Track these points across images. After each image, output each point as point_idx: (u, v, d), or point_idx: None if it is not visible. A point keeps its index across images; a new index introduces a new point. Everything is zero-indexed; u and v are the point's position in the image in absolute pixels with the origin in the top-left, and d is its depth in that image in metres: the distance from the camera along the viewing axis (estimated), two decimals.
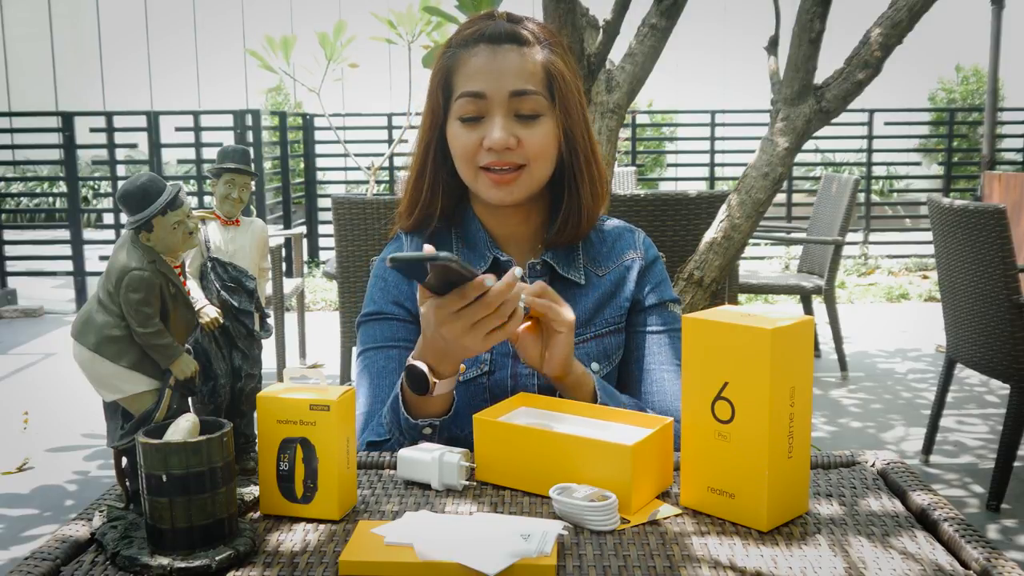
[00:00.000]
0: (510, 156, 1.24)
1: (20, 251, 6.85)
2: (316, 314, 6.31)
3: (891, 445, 3.65)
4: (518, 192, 1.26)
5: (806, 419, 0.93)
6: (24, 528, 2.93)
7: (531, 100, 1.24)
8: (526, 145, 1.24)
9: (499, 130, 1.23)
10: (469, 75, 1.25)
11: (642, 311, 1.36)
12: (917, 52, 5.38)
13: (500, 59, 1.24)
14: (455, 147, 1.28)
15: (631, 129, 7.98)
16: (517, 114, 1.24)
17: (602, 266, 1.35)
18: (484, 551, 0.81)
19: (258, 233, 1.04)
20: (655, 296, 1.37)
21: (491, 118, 1.24)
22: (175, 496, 0.82)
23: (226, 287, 1.00)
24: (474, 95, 1.24)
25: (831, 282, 4.57)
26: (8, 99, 12.67)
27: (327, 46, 5.57)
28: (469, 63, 1.26)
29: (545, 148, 1.26)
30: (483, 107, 1.24)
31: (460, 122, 1.26)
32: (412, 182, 1.34)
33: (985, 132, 6.96)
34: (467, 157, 1.26)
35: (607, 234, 1.39)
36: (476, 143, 1.25)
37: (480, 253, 1.32)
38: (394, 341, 1.32)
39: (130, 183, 0.87)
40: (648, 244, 1.41)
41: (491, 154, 1.24)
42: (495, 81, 1.23)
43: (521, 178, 1.26)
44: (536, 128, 1.25)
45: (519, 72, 1.24)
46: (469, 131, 1.25)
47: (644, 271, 1.37)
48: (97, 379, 0.88)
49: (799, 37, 2.19)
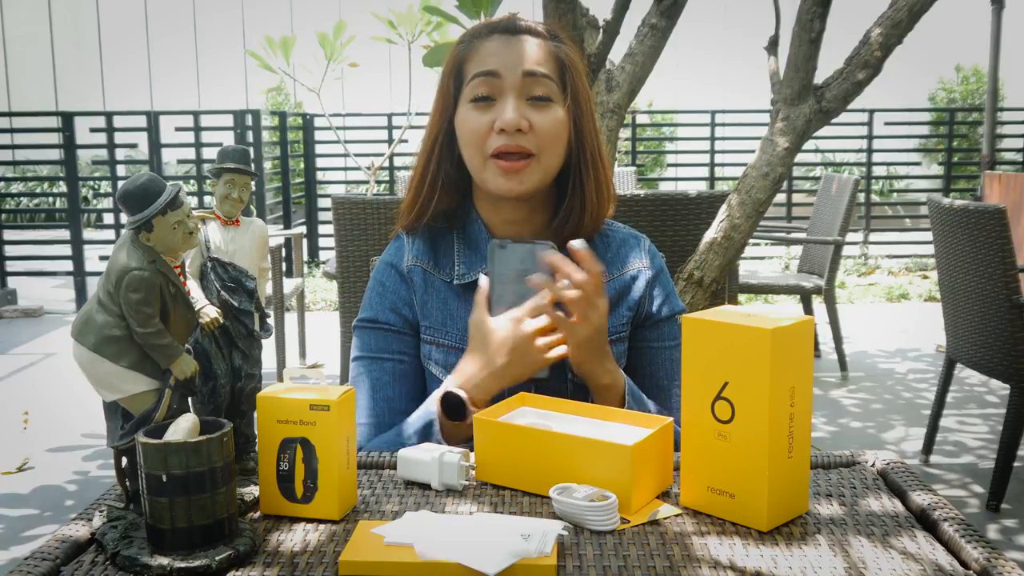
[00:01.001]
0: (521, 139, 1.22)
1: (20, 251, 6.85)
2: (316, 314, 6.31)
3: (891, 445, 3.65)
4: (527, 182, 1.24)
5: (806, 419, 0.93)
6: (24, 528, 2.93)
7: (544, 83, 1.24)
8: (537, 129, 1.23)
9: (511, 111, 1.22)
10: (483, 58, 1.25)
11: (653, 326, 1.35)
12: (917, 52, 5.38)
13: (515, 43, 1.25)
14: (464, 133, 1.26)
15: (631, 129, 7.98)
16: (529, 97, 1.24)
17: (606, 271, 1.33)
18: (484, 551, 0.81)
19: (258, 233, 1.04)
20: (666, 310, 1.36)
21: (503, 100, 1.23)
22: (175, 496, 0.82)
23: (226, 287, 1.00)
24: (487, 74, 1.24)
25: (831, 282, 4.57)
26: (8, 99, 12.67)
27: (327, 46, 5.57)
28: (483, 48, 1.26)
29: (556, 135, 1.25)
30: (496, 87, 1.24)
31: (472, 104, 1.25)
32: (416, 178, 1.33)
33: (985, 132, 6.96)
34: (477, 142, 1.25)
35: (612, 239, 1.37)
36: (487, 126, 1.24)
37: (482, 254, 1.31)
38: (388, 353, 1.32)
39: (130, 183, 0.87)
40: (654, 252, 1.39)
41: (502, 136, 1.22)
42: (509, 61, 1.24)
43: (531, 167, 1.24)
44: (547, 113, 1.24)
45: (533, 55, 1.25)
46: (480, 114, 1.24)
47: (652, 282, 1.35)
48: (97, 379, 0.88)
49: (799, 37, 2.19)
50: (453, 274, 1.31)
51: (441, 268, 1.32)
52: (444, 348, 1.30)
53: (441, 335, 1.31)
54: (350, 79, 6.62)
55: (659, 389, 1.34)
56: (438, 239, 1.34)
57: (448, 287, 1.31)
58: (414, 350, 1.32)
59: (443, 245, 1.34)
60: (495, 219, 1.33)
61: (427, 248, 1.34)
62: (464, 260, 1.32)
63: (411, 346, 1.32)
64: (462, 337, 1.28)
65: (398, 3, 5.27)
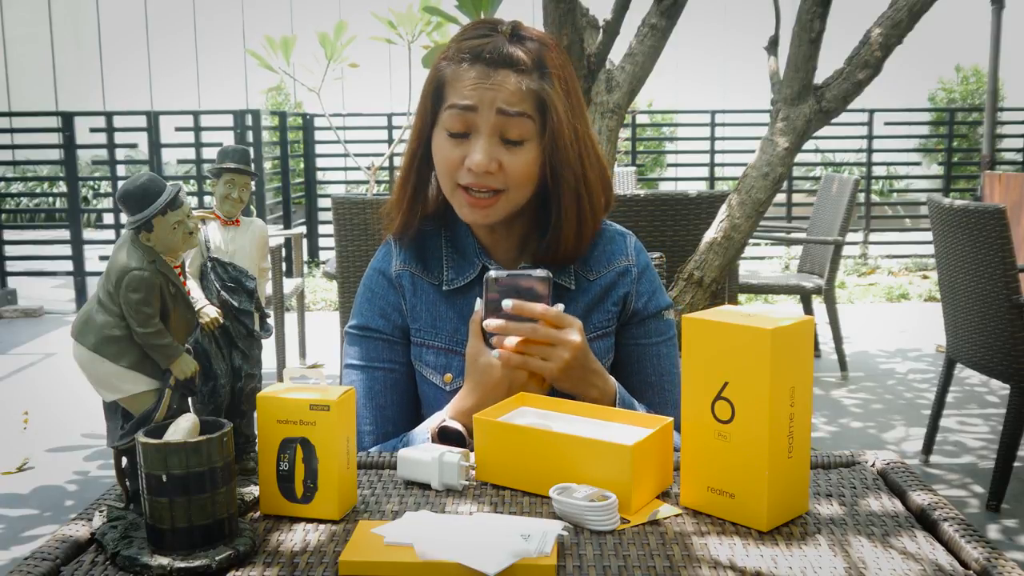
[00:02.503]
0: (489, 180, 1.22)
1: (20, 251, 6.85)
2: (316, 314, 6.31)
3: (891, 445, 3.65)
4: (493, 216, 1.26)
5: (806, 419, 0.93)
6: (24, 528, 2.93)
7: (518, 124, 1.22)
8: (507, 170, 1.23)
9: (481, 153, 1.21)
10: (460, 89, 1.23)
11: (639, 323, 1.35)
12: (917, 52, 5.38)
13: (494, 79, 1.22)
14: (437, 159, 1.27)
15: (631, 129, 7.98)
16: (503, 137, 1.22)
17: (592, 270, 1.34)
18: (484, 551, 0.81)
19: (258, 233, 1.04)
20: (652, 306, 1.36)
21: (476, 138, 1.22)
22: (175, 496, 0.82)
23: (226, 287, 1.00)
24: (462, 108, 1.22)
25: (831, 282, 4.57)
26: (8, 99, 12.67)
27: (327, 46, 5.58)
28: (463, 78, 1.23)
29: (527, 175, 1.24)
30: (470, 122, 1.22)
31: (447, 134, 1.24)
32: (399, 184, 1.33)
33: (985, 132, 6.96)
34: (448, 172, 1.25)
35: (598, 238, 1.37)
36: (458, 160, 1.23)
37: (469, 260, 1.32)
38: (379, 362, 1.33)
39: (130, 183, 0.87)
40: (639, 249, 1.39)
41: (471, 175, 1.22)
42: (485, 98, 1.21)
43: (498, 203, 1.25)
44: (519, 154, 1.23)
45: (510, 94, 1.21)
46: (453, 147, 1.24)
47: (638, 279, 1.35)
48: (97, 379, 0.88)
49: (799, 37, 2.19)
50: (442, 279, 1.33)
51: (430, 272, 1.34)
52: (434, 349, 1.32)
53: (431, 336, 1.32)
54: (350, 79, 6.61)
55: (647, 386, 1.35)
56: (426, 243, 1.35)
57: (436, 291, 1.33)
58: (404, 358, 1.34)
59: (431, 249, 1.35)
60: (479, 228, 1.34)
61: (415, 253, 1.35)
62: (453, 266, 1.33)
63: (401, 354, 1.34)
64: (451, 338, 1.30)
65: (398, 3, 5.27)
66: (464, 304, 1.32)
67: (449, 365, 1.31)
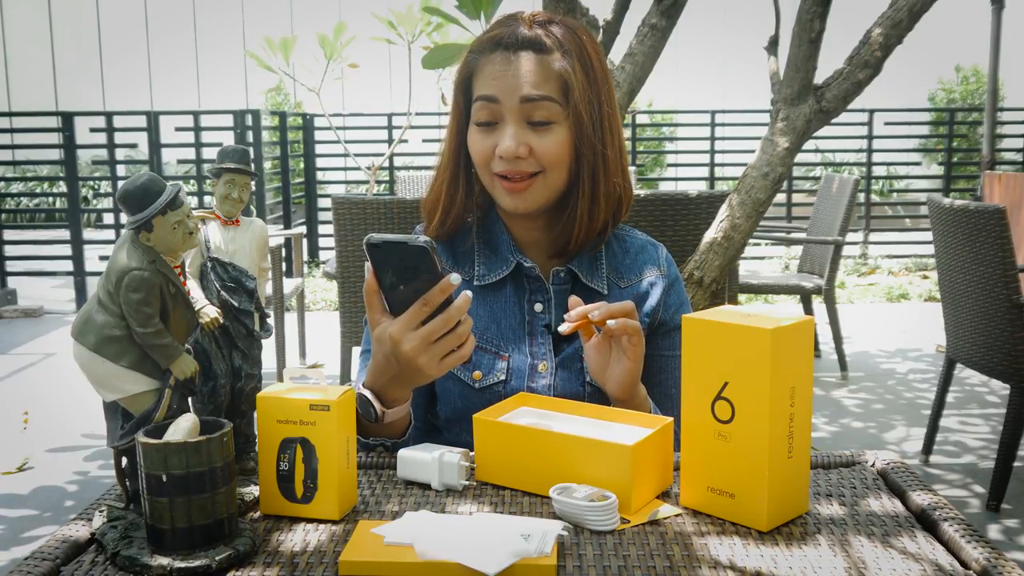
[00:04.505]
0: (522, 165, 1.23)
1: (20, 251, 6.85)
2: (316, 314, 6.31)
3: (891, 445, 3.65)
4: (532, 199, 1.25)
5: (806, 419, 0.93)
6: (24, 528, 2.93)
7: (543, 107, 1.22)
8: (538, 153, 1.23)
9: (509, 139, 1.22)
10: (485, 80, 1.25)
11: (665, 334, 1.35)
12: (917, 52, 5.39)
13: (515, 65, 1.23)
14: (473, 153, 1.28)
15: (631, 129, 7.98)
16: (530, 121, 1.23)
17: (624, 278, 1.34)
18: (484, 551, 0.81)
19: (258, 233, 1.04)
20: (678, 318, 1.35)
21: (503, 125, 1.23)
22: (175, 496, 0.82)
23: (226, 287, 1.00)
24: (487, 99, 1.24)
25: (831, 282, 4.57)
26: (8, 99, 12.67)
27: (327, 46, 5.58)
28: (485, 68, 1.25)
29: (558, 155, 1.24)
30: (496, 112, 1.24)
31: (476, 127, 1.26)
32: (444, 187, 1.32)
33: (985, 132, 6.96)
34: (483, 163, 1.26)
35: (630, 245, 1.37)
36: (490, 149, 1.24)
37: (503, 257, 1.32)
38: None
39: (130, 183, 0.87)
40: (670, 261, 1.39)
41: (503, 162, 1.23)
42: (508, 86, 1.22)
43: (535, 185, 1.24)
44: (549, 136, 1.23)
45: (533, 78, 1.22)
46: (484, 137, 1.25)
47: (667, 291, 1.36)
48: (97, 379, 0.88)
49: (799, 37, 2.19)
50: (473, 274, 1.33)
51: (460, 266, 1.34)
52: None
53: None
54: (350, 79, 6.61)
55: (666, 397, 1.35)
56: (458, 237, 1.35)
57: (466, 286, 1.32)
58: None
59: (463, 244, 1.35)
60: (514, 225, 1.34)
61: (446, 246, 1.35)
62: (484, 262, 1.33)
63: None
64: (480, 335, 1.30)
65: (398, 3, 5.27)
66: (494, 301, 1.31)
67: (479, 362, 1.29)
